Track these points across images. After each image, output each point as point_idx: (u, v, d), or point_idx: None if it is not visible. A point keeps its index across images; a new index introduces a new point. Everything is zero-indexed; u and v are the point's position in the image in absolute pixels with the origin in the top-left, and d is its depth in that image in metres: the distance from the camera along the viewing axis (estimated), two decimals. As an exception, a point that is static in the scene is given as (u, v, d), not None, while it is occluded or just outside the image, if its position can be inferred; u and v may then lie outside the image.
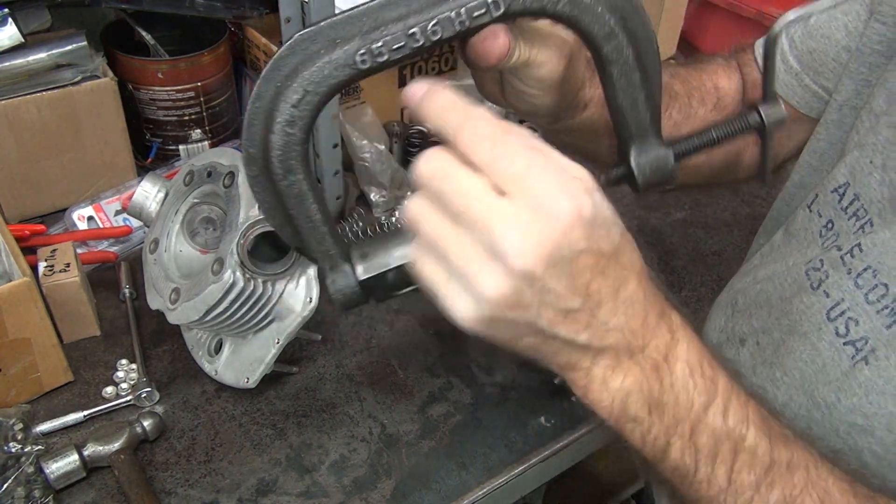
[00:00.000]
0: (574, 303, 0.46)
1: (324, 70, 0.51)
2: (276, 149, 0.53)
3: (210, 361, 0.91)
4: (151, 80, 1.18)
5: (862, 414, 0.60)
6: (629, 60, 0.57)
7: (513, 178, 0.44)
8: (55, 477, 0.80)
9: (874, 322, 0.60)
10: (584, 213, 0.44)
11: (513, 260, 0.43)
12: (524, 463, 0.89)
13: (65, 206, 1.15)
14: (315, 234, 0.57)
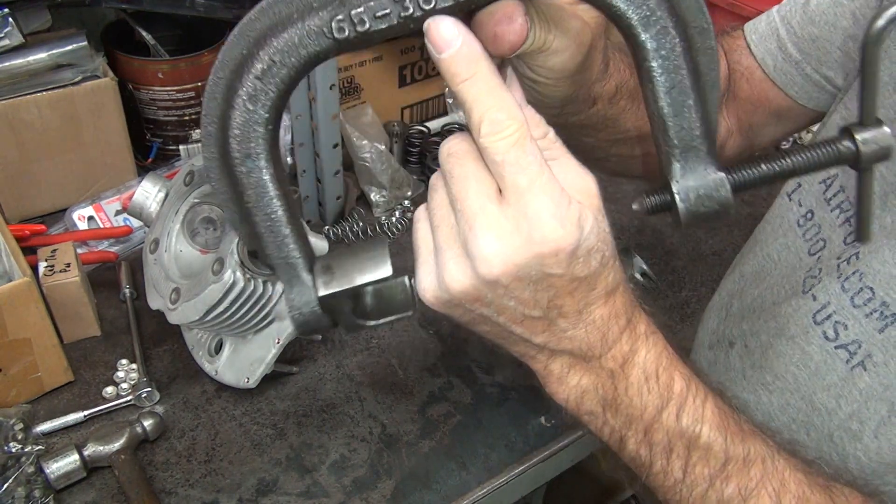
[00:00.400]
0: (534, 312, 0.49)
1: (294, 38, 0.44)
2: (234, 127, 0.47)
3: (210, 361, 0.91)
4: (152, 80, 1.18)
5: (858, 419, 0.60)
6: (676, 53, 0.46)
7: (514, 188, 0.45)
8: (55, 477, 0.80)
9: (864, 326, 0.60)
10: (566, 245, 0.45)
11: (480, 264, 0.45)
12: (524, 463, 0.89)
13: (65, 206, 1.15)
14: (274, 237, 0.50)
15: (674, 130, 0.47)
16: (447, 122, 1.42)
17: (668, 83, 0.46)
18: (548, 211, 0.44)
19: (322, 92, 1.04)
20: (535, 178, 0.44)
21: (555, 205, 0.44)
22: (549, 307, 0.48)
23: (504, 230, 0.45)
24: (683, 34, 0.46)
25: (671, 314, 1.09)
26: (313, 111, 1.07)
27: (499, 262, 0.45)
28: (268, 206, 0.49)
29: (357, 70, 1.27)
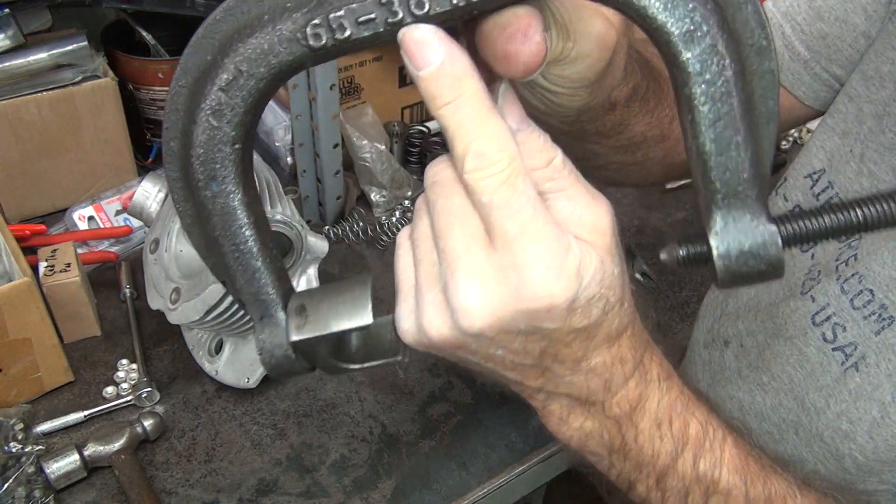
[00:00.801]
0: (526, 360, 0.44)
1: (263, 44, 0.38)
2: (197, 145, 0.40)
3: (210, 361, 0.91)
4: (152, 80, 1.18)
5: (847, 419, 0.60)
6: (726, 77, 0.37)
7: (502, 235, 0.39)
8: (56, 477, 0.80)
9: (862, 328, 0.59)
10: (560, 301, 0.39)
11: (460, 316, 0.40)
12: (524, 463, 0.89)
13: (65, 206, 1.15)
14: (244, 270, 0.44)
15: (717, 172, 0.39)
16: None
17: (714, 114, 0.37)
18: (541, 263, 0.38)
19: (322, 92, 1.04)
20: (528, 223, 0.38)
21: (549, 255, 0.39)
22: (543, 356, 0.44)
23: (489, 280, 0.39)
24: (736, 54, 0.37)
25: (671, 314, 1.09)
26: (313, 111, 1.07)
27: (481, 315, 0.39)
28: (236, 235, 0.43)
29: (357, 70, 1.27)
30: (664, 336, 1.06)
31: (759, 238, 0.39)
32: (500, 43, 0.38)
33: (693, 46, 0.36)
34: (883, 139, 0.63)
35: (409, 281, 0.44)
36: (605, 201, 0.43)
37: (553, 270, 0.39)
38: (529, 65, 0.39)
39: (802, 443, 0.65)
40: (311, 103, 1.07)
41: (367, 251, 1.17)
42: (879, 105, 0.64)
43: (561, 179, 0.42)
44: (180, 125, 0.41)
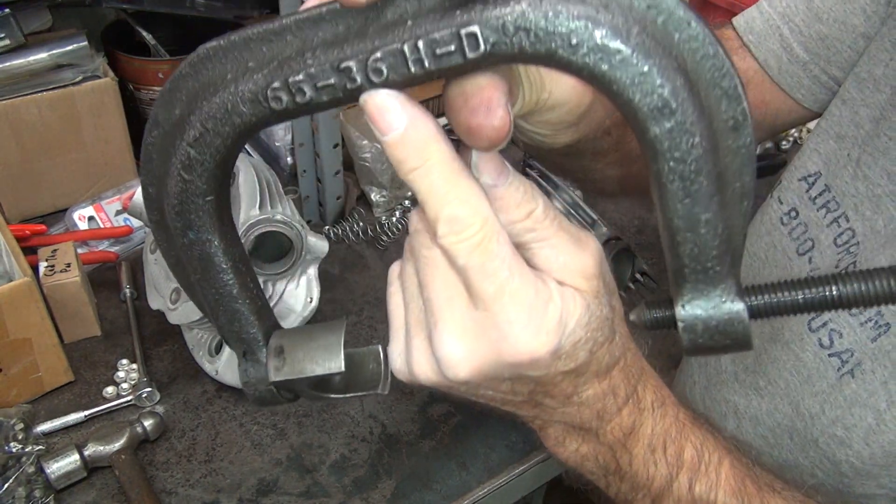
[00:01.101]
0: (517, 398, 0.45)
1: (227, 103, 0.37)
2: (172, 196, 0.41)
3: (211, 361, 0.91)
4: (152, 80, 1.18)
5: (842, 425, 0.60)
6: (696, 155, 0.35)
7: (480, 296, 0.39)
8: (56, 477, 0.80)
9: (858, 335, 0.59)
10: (542, 354, 0.40)
11: (444, 367, 0.41)
12: (525, 463, 0.89)
13: (65, 206, 1.15)
14: (224, 311, 0.45)
15: (684, 247, 0.38)
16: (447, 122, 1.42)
17: (682, 192, 0.36)
18: (519, 321, 0.39)
19: (322, 92, 1.04)
20: (505, 284, 0.38)
21: (527, 313, 0.39)
22: (533, 394, 0.45)
23: (470, 334, 0.40)
24: (708, 130, 0.35)
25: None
26: (314, 111, 1.07)
27: (464, 367, 0.40)
28: (215, 279, 0.44)
29: (357, 70, 1.27)
30: (662, 337, 1.06)
31: (726, 314, 0.39)
32: (464, 115, 0.37)
33: (662, 123, 0.34)
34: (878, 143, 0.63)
35: (399, 318, 0.45)
36: (590, 243, 0.43)
37: (532, 327, 0.39)
38: (493, 139, 0.37)
39: (797, 448, 0.66)
40: (312, 103, 1.07)
41: (367, 251, 1.17)
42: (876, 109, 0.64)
43: (543, 230, 0.41)
44: (156, 173, 0.42)
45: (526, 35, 0.33)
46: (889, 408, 0.57)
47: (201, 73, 0.38)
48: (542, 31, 0.33)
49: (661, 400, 0.50)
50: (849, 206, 0.64)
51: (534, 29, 0.33)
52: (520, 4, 0.33)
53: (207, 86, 0.38)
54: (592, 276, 0.42)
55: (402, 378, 0.45)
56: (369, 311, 1.06)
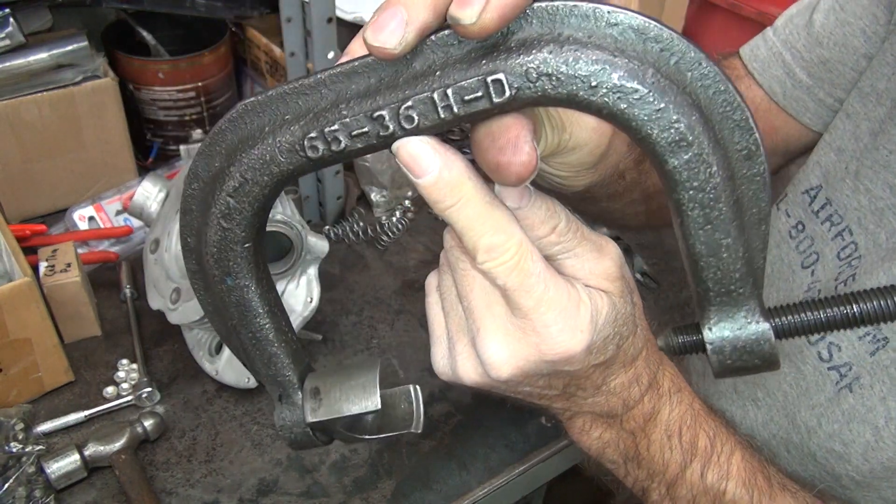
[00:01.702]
0: (550, 392, 0.49)
1: (265, 154, 0.40)
2: (211, 244, 0.43)
3: (211, 361, 0.91)
4: (152, 80, 1.18)
5: (840, 441, 0.60)
6: (713, 184, 0.37)
7: (519, 309, 0.43)
8: (56, 477, 0.80)
9: (857, 349, 0.60)
10: (577, 351, 0.44)
11: (489, 368, 0.45)
12: (525, 463, 0.89)
13: (66, 206, 1.15)
14: (261, 354, 0.47)
15: (708, 272, 0.40)
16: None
17: (703, 219, 0.38)
18: (556, 325, 0.43)
19: (322, 92, 1.04)
20: (541, 296, 0.43)
21: (563, 317, 0.43)
22: (567, 387, 0.49)
23: (512, 338, 0.44)
24: (724, 160, 0.37)
25: (671, 314, 1.09)
26: (314, 111, 1.07)
27: (507, 367, 0.44)
28: (252, 324, 0.46)
29: (357, 70, 1.27)
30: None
31: (753, 335, 0.41)
32: (492, 154, 0.39)
33: (679, 155, 0.37)
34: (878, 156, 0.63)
35: (440, 326, 0.49)
36: (610, 248, 0.47)
37: (568, 329, 0.43)
38: (521, 174, 0.39)
39: (795, 461, 0.66)
40: (312, 103, 1.07)
41: (368, 251, 1.17)
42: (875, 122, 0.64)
43: (567, 242, 0.46)
44: (195, 224, 0.44)
45: (548, 79, 0.36)
46: (887, 424, 0.57)
47: (240, 127, 0.41)
48: (564, 75, 0.35)
49: (677, 387, 0.53)
50: (852, 219, 0.64)
51: (555, 74, 0.35)
52: (541, 52, 0.35)
53: (246, 139, 0.41)
54: (615, 277, 0.46)
55: (443, 378, 0.49)
56: (369, 311, 1.06)
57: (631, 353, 0.49)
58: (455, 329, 0.47)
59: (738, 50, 0.80)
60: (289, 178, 0.41)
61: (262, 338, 0.47)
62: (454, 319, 0.47)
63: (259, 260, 0.45)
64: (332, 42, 1.00)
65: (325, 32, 0.98)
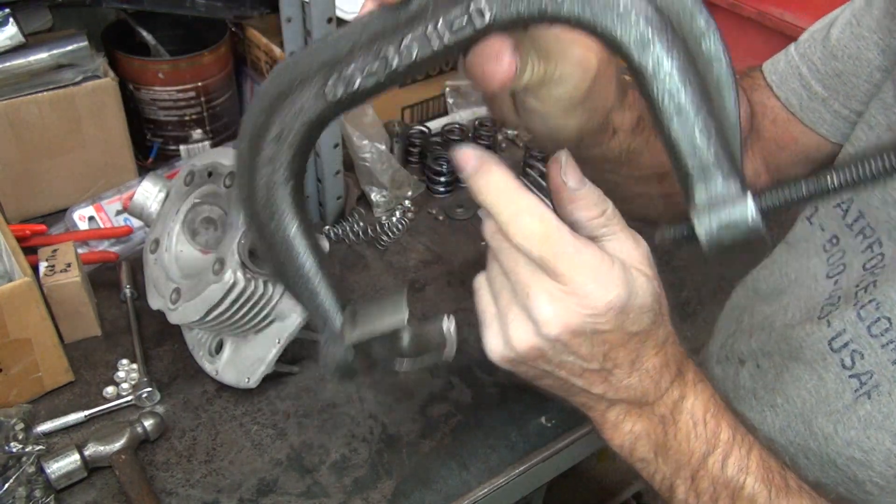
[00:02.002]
0: (592, 365, 0.52)
1: (296, 104, 0.47)
2: (258, 189, 0.50)
3: (211, 361, 0.91)
4: (152, 80, 1.18)
5: (860, 448, 0.60)
6: (678, 72, 0.42)
7: (557, 272, 0.48)
8: (56, 477, 0.80)
9: (879, 357, 0.60)
10: (615, 303, 0.49)
11: (541, 326, 0.49)
12: (525, 463, 0.89)
13: (66, 206, 1.15)
14: (305, 288, 0.53)
15: (686, 155, 0.44)
16: (447, 122, 1.42)
17: (674, 107, 0.43)
18: (592, 283, 0.48)
19: (322, 92, 1.04)
20: (573, 258, 0.48)
21: (597, 273, 0.48)
22: (605, 359, 0.52)
23: (557, 298, 0.48)
24: (683, 47, 0.42)
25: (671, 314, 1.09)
26: (314, 111, 1.07)
27: (557, 323, 0.49)
28: (296, 260, 0.52)
29: (357, 70, 1.27)
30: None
31: (736, 209, 0.43)
32: (478, 65, 0.46)
33: (644, 51, 0.42)
34: None
35: (490, 312, 0.53)
36: (642, 241, 0.53)
37: (603, 285, 0.48)
38: (503, 80, 0.46)
39: (815, 467, 0.66)
40: (312, 103, 1.07)
41: (368, 251, 1.17)
42: None
43: (612, 225, 0.52)
44: (246, 177, 0.50)
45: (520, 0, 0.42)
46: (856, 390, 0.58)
47: (275, 84, 0.48)
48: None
49: (700, 377, 0.56)
50: (882, 231, 0.65)
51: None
52: None
53: (282, 94, 0.47)
54: (648, 263, 0.52)
55: (496, 357, 0.53)
56: (369, 311, 1.06)
57: (662, 336, 0.53)
58: (506, 303, 0.51)
59: (762, 65, 0.82)
60: (318, 122, 0.47)
61: (306, 272, 0.52)
62: (504, 296, 0.51)
63: (300, 201, 0.51)
64: (332, 42, 1.00)
65: (325, 32, 0.98)
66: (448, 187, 1.29)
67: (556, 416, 0.94)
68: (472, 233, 1.21)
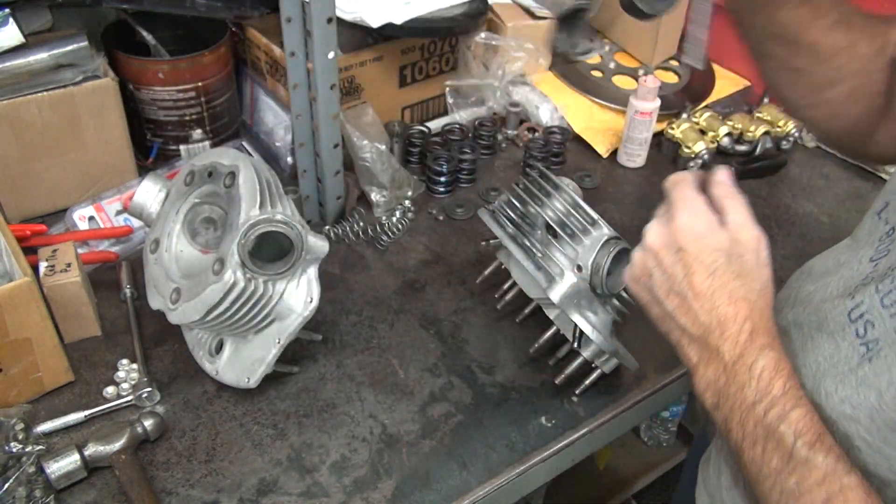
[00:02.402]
0: (675, 285, 0.66)
1: None
2: None
3: (211, 361, 0.91)
4: (152, 80, 1.18)
5: (850, 404, 0.63)
6: None
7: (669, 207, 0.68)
8: (56, 477, 0.80)
9: (887, 325, 0.62)
10: (696, 230, 0.65)
11: (645, 239, 0.68)
12: (525, 463, 0.89)
13: (66, 206, 1.15)
14: None
15: None
16: (447, 122, 1.42)
17: None
18: (685, 214, 0.65)
19: (322, 92, 1.04)
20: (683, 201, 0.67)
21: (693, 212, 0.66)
22: (686, 283, 0.65)
23: (662, 221, 0.68)
24: None
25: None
26: (314, 111, 1.08)
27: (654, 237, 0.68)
28: None
29: (357, 70, 1.27)
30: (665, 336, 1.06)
31: None
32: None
33: None
34: None
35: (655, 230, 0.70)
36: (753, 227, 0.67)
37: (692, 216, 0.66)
38: None
39: None
40: (312, 103, 1.07)
41: (368, 251, 1.17)
42: None
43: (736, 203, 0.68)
44: None
45: None
46: (888, 388, 0.59)
47: None
48: None
49: (769, 344, 0.63)
50: None
51: None
52: None
53: None
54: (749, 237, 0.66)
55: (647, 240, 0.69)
56: (369, 312, 1.06)
57: (737, 292, 0.64)
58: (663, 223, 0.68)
59: None
60: None
61: None
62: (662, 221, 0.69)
63: None
64: (332, 42, 1.00)
65: (325, 32, 0.98)
66: (448, 187, 1.29)
67: (557, 416, 0.94)
68: (471, 233, 1.21)
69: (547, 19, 1.46)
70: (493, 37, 1.40)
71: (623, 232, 0.89)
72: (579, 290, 0.88)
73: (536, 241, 0.91)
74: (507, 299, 1.04)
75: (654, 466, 1.94)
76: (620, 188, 1.34)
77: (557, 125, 1.41)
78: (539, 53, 1.45)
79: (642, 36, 1.55)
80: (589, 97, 1.47)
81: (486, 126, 1.39)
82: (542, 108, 1.44)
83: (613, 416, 0.95)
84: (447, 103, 1.44)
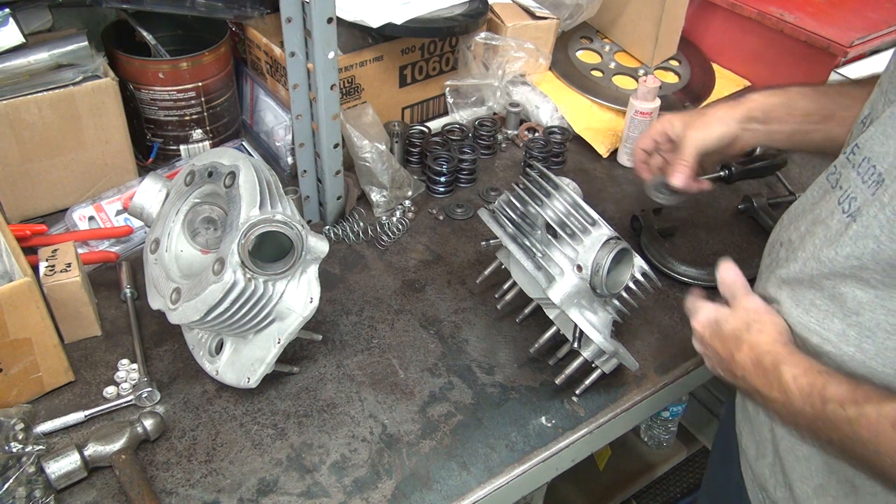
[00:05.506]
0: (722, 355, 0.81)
1: None
2: None
3: (211, 361, 0.91)
4: (152, 80, 1.18)
5: (856, 257, 0.72)
6: None
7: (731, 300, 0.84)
8: (56, 477, 0.80)
9: (865, 194, 0.72)
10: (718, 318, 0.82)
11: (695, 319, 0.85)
12: (525, 463, 0.89)
13: (66, 206, 1.15)
14: None
15: None
16: (447, 122, 1.42)
17: None
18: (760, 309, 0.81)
19: (323, 92, 1.04)
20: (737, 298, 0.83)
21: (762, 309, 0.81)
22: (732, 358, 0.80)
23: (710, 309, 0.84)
24: None
25: (671, 314, 1.09)
26: (314, 111, 1.08)
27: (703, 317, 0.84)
28: None
29: (358, 70, 1.27)
30: (665, 337, 1.06)
31: None
32: None
33: None
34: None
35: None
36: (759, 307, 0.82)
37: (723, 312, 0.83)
38: None
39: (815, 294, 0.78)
40: (312, 103, 1.07)
41: (368, 251, 1.17)
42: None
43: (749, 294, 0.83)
44: None
45: None
46: (882, 232, 0.68)
47: None
48: None
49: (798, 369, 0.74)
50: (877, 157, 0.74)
51: None
52: None
53: None
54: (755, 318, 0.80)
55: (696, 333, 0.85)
56: (369, 311, 1.06)
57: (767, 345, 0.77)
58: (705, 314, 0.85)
59: None
60: None
61: None
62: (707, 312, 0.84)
63: None
64: (332, 42, 1.00)
65: (325, 32, 0.98)
66: (448, 187, 1.29)
67: (557, 417, 0.94)
68: (471, 233, 1.21)
69: (547, 19, 1.46)
70: (493, 37, 1.40)
71: (622, 231, 0.89)
72: (579, 290, 0.88)
73: (536, 241, 0.91)
74: (507, 299, 1.04)
75: (654, 466, 1.94)
76: (620, 187, 1.34)
77: (557, 125, 1.41)
78: (539, 53, 1.45)
79: (642, 36, 1.55)
80: (589, 97, 1.47)
81: (486, 126, 1.39)
82: (542, 108, 1.44)
83: (613, 416, 0.95)
84: (447, 103, 1.44)
